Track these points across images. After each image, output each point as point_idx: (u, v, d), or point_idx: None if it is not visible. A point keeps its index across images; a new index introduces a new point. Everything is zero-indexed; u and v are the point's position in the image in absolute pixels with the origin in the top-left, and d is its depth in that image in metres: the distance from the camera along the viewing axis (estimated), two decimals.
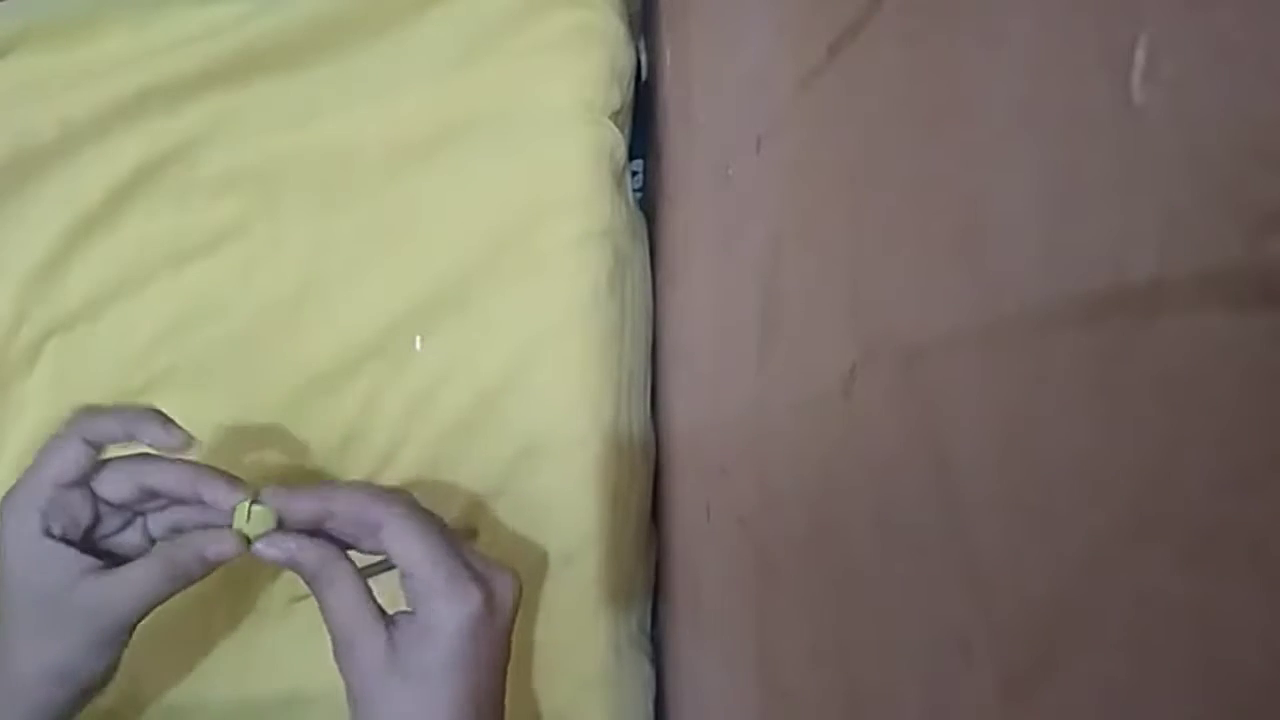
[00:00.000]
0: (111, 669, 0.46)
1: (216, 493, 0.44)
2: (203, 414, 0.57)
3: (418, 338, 0.57)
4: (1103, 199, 0.16)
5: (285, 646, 0.55)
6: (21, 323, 0.57)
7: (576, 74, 0.58)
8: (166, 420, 0.45)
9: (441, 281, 0.57)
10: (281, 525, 0.44)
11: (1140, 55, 0.15)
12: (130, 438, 0.44)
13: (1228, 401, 0.13)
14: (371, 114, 0.58)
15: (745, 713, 0.39)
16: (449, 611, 0.42)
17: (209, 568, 0.44)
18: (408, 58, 0.59)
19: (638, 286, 0.59)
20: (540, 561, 0.55)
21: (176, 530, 0.47)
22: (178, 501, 0.46)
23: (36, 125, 0.56)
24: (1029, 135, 0.19)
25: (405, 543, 0.43)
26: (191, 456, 0.45)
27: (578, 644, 0.54)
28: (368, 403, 0.57)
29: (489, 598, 0.43)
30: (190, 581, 0.44)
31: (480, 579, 0.43)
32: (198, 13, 0.58)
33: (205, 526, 0.45)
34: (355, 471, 0.57)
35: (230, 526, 0.44)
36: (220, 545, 0.43)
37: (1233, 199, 0.13)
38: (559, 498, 0.55)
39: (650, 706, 0.56)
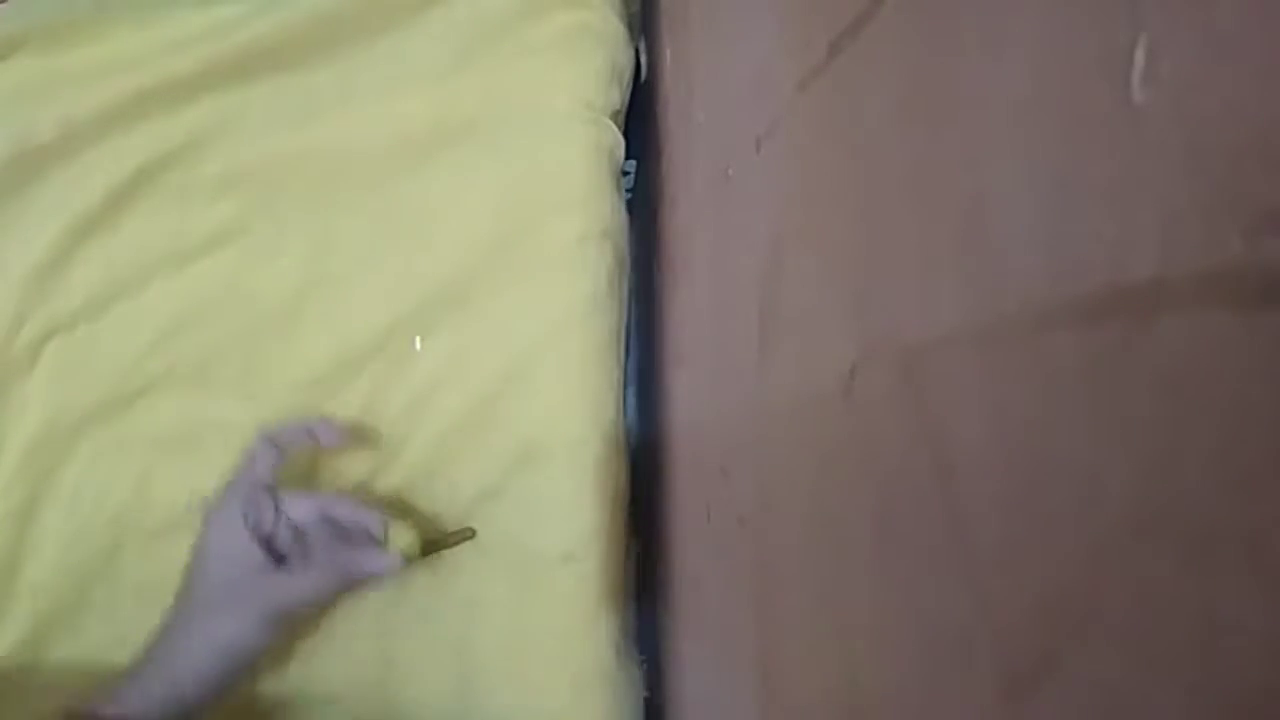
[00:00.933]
0: (264, 650, 0.50)
1: (370, 519, 0.52)
2: (203, 413, 0.57)
3: (418, 338, 0.57)
4: (1103, 199, 0.16)
5: (286, 646, 0.55)
6: (22, 322, 0.57)
7: (576, 74, 0.58)
8: (329, 422, 0.54)
9: (441, 281, 0.57)
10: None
11: (1140, 55, 0.15)
12: (309, 438, 0.53)
13: (1228, 401, 0.13)
14: (371, 114, 0.58)
15: (745, 713, 0.39)
16: None
17: (364, 580, 0.51)
18: (408, 58, 0.59)
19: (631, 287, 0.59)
20: (540, 561, 0.55)
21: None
22: (342, 531, 0.52)
23: (37, 126, 0.56)
24: (1029, 135, 0.19)
25: None
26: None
27: (577, 643, 0.54)
28: (368, 403, 0.57)
29: None
30: (348, 589, 0.52)
31: None
32: (198, 13, 0.58)
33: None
34: (355, 472, 0.57)
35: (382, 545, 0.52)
36: (376, 562, 0.51)
37: (1233, 199, 0.13)
38: (559, 498, 0.55)
39: (640, 706, 0.56)
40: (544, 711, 0.54)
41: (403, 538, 0.53)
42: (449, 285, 0.57)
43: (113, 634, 0.54)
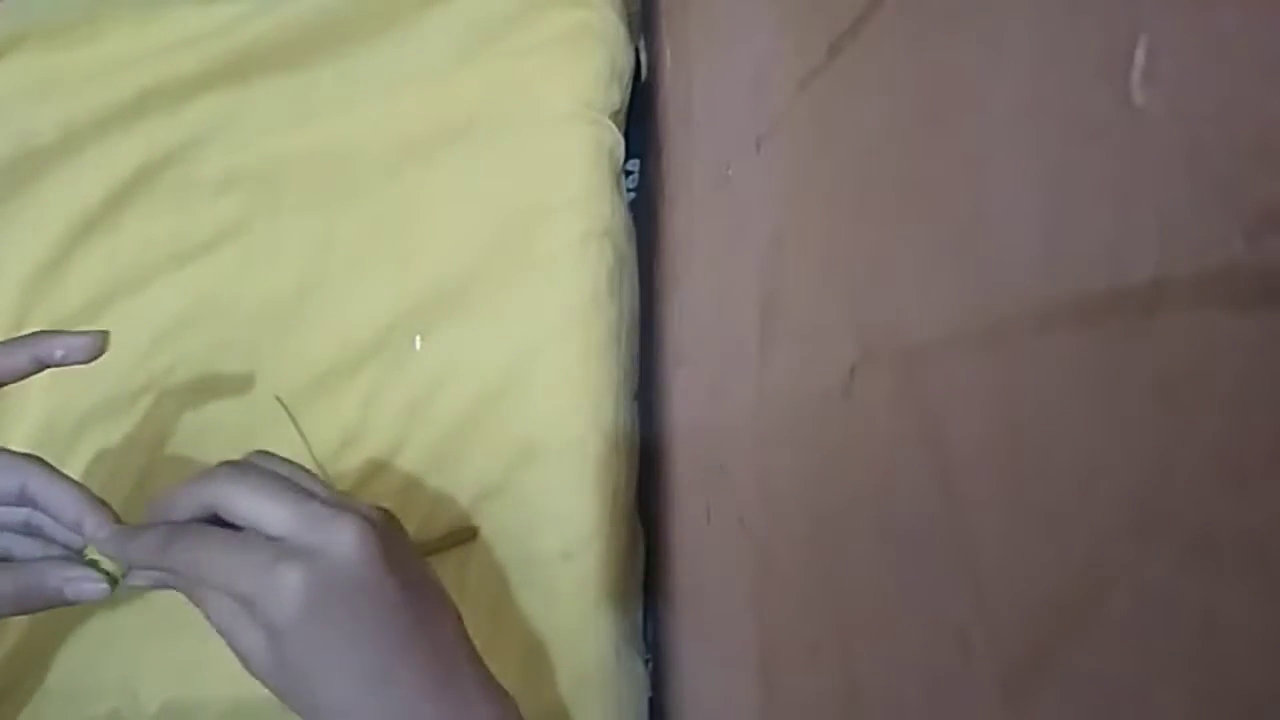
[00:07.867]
0: None
1: (98, 526, 0.40)
2: (202, 414, 0.57)
3: (418, 338, 0.57)
4: (1102, 199, 0.16)
5: None
6: (22, 322, 0.57)
7: (576, 73, 0.58)
8: (57, 337, 0.43)
9: (441, 281, 0.57)
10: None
11: (1140, 55, 0.15)
12: (33, 362, 0.43)
13: (1228, 401, 0.13)
14: (371, 114, 0.58)
15: (745, 713, 0.39)
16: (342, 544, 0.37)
17: (60, 604, 0.40)
18: (408, 58, 0.59)
19: (636, 287, 0.59)
20: (539, 560, 0.55)
21: (27, 528, 0.43)
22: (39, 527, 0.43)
23: (38, 126, 0.56)
24: (1029, 135, 0.19)
25: (251, 502, 0.37)
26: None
27: (577, 642, 0.54)
28: (368, 403, 0.57)
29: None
30: (34, 610, 0.41)
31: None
32: (198, 13, 0.58)
33: (59, 553, 0.42)
34: (354, 472, 0.57)
35: (86, 560, 0.40)
36: (83, 586, 0.40)
37: (1232, 199, 0.13)
38: (559, 497, 0.55)
39: (644, 705, 0.56)
40: (544, 711, 0.54)
41: (108, 561, 0.41)
42: (449, 285, 0.57)
43: (110, 636, 0.54)
